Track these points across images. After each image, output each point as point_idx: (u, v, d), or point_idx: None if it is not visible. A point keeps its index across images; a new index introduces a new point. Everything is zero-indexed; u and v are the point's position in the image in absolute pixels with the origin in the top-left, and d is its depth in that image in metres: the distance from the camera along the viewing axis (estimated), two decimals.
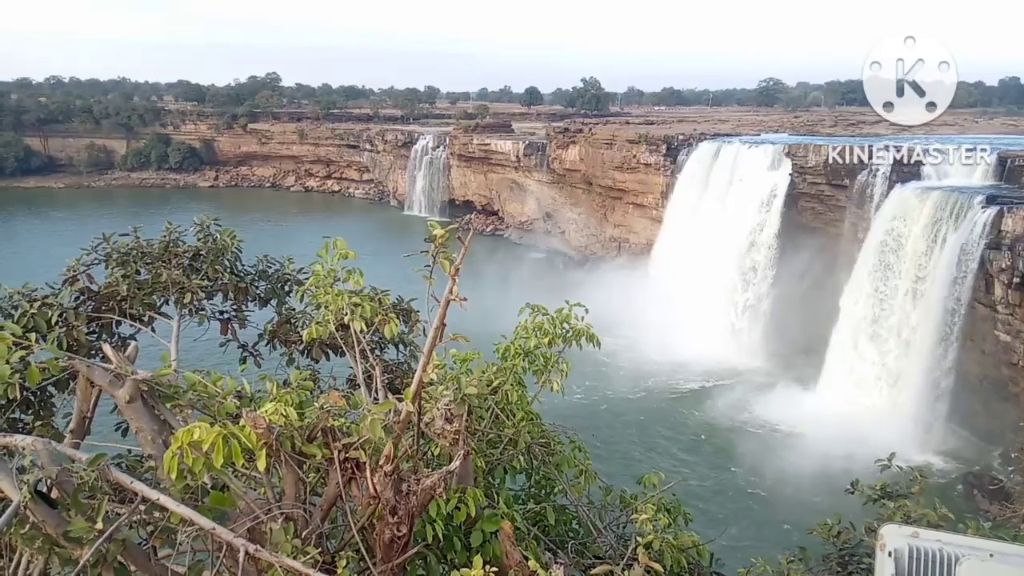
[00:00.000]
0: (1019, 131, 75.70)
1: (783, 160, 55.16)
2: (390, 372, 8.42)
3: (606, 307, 47.90)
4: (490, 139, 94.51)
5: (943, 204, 40.18)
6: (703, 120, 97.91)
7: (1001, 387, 36.82)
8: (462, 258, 4.76)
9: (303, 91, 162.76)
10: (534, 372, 6.98)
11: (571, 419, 7.74)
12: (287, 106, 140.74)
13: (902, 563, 3.75)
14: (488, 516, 5.06)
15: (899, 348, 41.73)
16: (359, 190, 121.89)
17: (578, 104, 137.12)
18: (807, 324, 48.04)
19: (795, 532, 26.20)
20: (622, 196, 73.84)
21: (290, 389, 4.95)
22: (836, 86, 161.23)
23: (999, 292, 36.05)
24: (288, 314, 8.96)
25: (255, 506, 4.61)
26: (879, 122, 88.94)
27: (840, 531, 7.48)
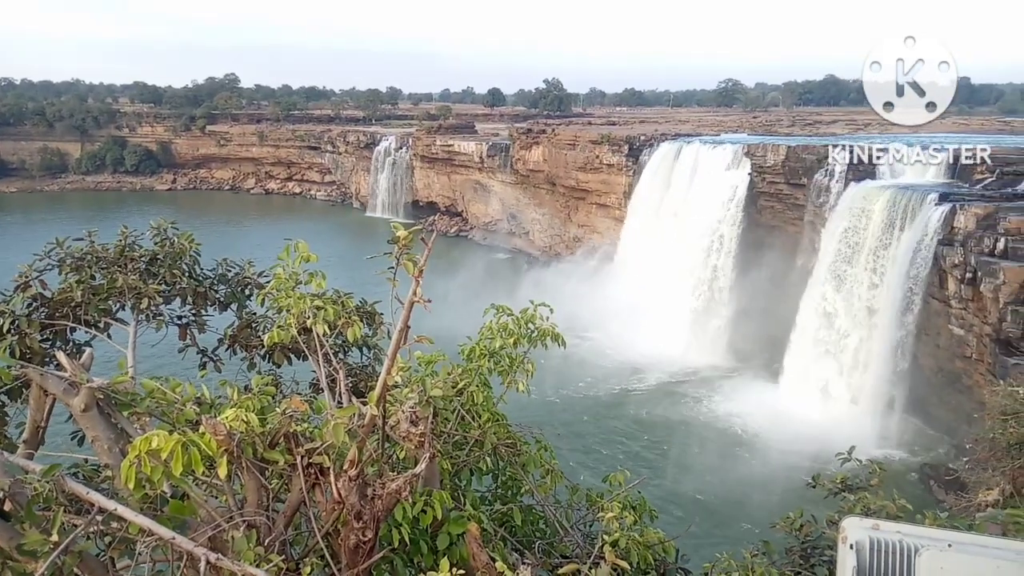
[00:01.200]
0: (970, 130, 77.78)
1: (743, 160, 55.98)
2: (354, 376, 8.34)
3: (571, 307, 48.15)
4: (453, 140, 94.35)
5: (897, 202, 41.09)
6: (664, 121, 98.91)
7: (955, 379, 37.76)
8: (425, 259, 4.73)
9: (262, 92, 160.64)
10: (499, 373, 6.97)
11: (536, 419, 7.75)
12: (246, 107, 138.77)
13: (864, 555, 3.82)
14: (454, 518, 5.04)
15: (857, 344, 42.57)
16: (321, 192, 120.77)
17: (541, 105, 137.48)
18: (768, 321, 48.79)
19: (758, 526, 26.59)
20: (585, 196, 74.24)
21: (251, 395, 4.87)
22: (793, 87, 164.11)
23: (952, 287, 36.97)
24: (249, 318, 8.82)
25: (216, 514, 4.53)
26: (835, 122, 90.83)
27: (802, 524, 7.60)
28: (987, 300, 34.24)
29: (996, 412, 13.19)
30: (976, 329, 35.62)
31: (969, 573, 3.62)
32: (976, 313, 35.58)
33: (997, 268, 33.55)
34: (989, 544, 3.80)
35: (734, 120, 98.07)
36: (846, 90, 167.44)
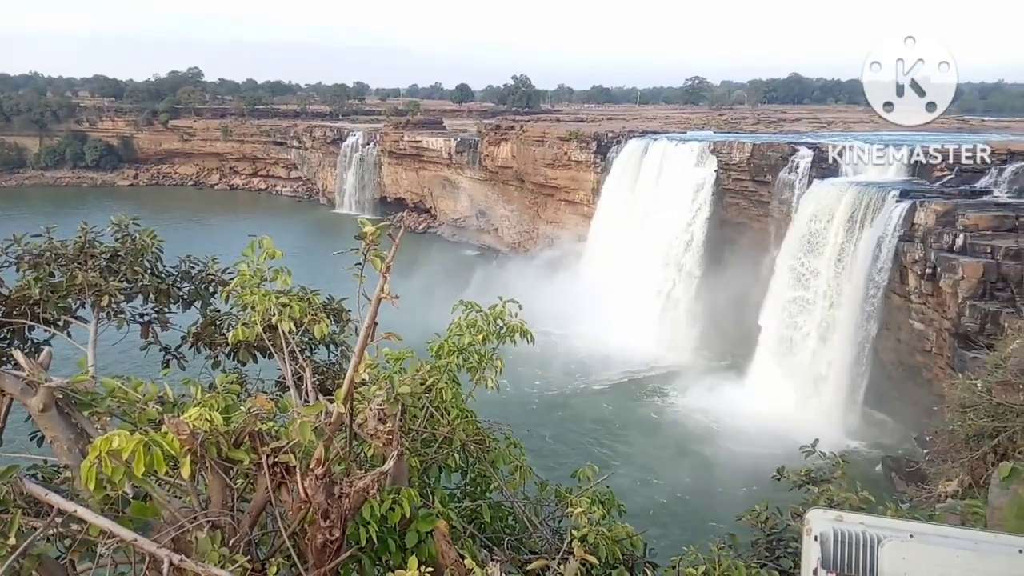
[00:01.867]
0: (930, 128, 79.17)
1: (709, 157, 56.53)
2: (321, 373, 8.27)
3: (540, 303, 48.26)
4: (421, 136, 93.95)
5: (859, 199, 41.81)
6: (632, 118, 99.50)
7: (916, 373, 38.56)
8: (393, 255, 4.69)
9: (227, 87, 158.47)
10: (468, 369, 6.95)
11: (505, 415, 7.74)
12: (210, 102, 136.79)
13: (827, 546, 3.87)
14: (423, 516, 5.01)
15: (821, 338, 43.26)
16: (287, 188, 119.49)
17: (509, 101, 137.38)
18: (735, 317, 49.37)
19: (724, 519, 26.92)
20: (554, 193, 74.41)
21: (215, 393, 4.79)
22: (758, 85, 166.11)
23: (913, 282, 37.72)
24: (213, 316, 8.69)
25: (179, 515, 4.45)
26: (799, 120, 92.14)
27: (767, 517, 7.69)
28: (946, 295, 34.99)
29: (955, 405, 13.47)
30: (936, 324, 36.38)
31: (929, 562, 3.69)
32: (936, 308, 36.35)
33: (956, 264, 34.30)
34: (949, 534, 3.88)
35: (700, 117, 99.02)
36: (809, 88, 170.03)
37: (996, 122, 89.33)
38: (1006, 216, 35.26)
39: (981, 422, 12.36)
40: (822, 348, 43.14)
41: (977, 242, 34.50)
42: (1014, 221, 34.96)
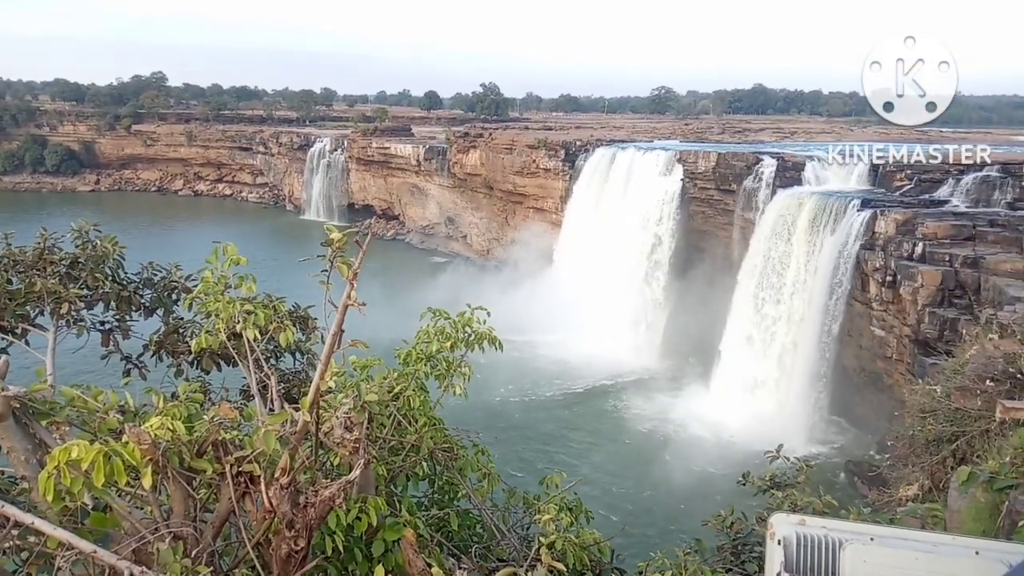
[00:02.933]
0: (890, 139, 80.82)
1: (675, 166, 57.12)
2: (287, 381, 8.18)
3: (508, 310, 48.28)
4: (390, 143, 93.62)
5: (822, 208, 42.52)
6: (599, 126, 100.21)
7: (877, 379, 39.25)
8: (360, 262, 4.67)
9: (191, 91, 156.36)
10: (436, 377, 6.93)
11: (473, 422, 7.73)
12: (174, 107, 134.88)
13: (791, 550, 3.93)
14: (390, 525, 4.98)
15: (784, 346, 43.84)
16: (253, 194, 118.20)
17: (478, 109, 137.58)
18: (702, 324, 49.86)
19: (691, 524, 27.12)
20: (523, 200, 74.59)
21: (178, 402, 4.72)
22: (723, 95, 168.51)
23: (874, 290, 38.44)
24: (176, 323, 8.56)
25: (140, 526, 4.37)
26: (763, 129, 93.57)
27: (733, 522, 7.77)
28: (906, 302, 35.70)
29: (915, 410, 13.73)
30: (896, 330, 37.09)
31: (890, 564, 3.76)
32: (896, 315, 37.06)
33: (915, 271, 35.03)
34: (908, 537, 3.96)
35: (667, 127, 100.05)
36: (773, 99, 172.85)
37: (954, 133, 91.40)
38: (964, 225, 36.11)
39: (940, 427, 12.60)
40: (786, 355, 43.71)
41: (936, 250, 35.28)
42: (971, 230, 35.81)
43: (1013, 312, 24.92)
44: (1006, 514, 6.82)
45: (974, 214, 37.98)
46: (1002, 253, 34.01)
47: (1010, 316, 23.29)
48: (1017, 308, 25.48)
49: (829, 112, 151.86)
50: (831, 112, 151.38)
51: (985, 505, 7.58)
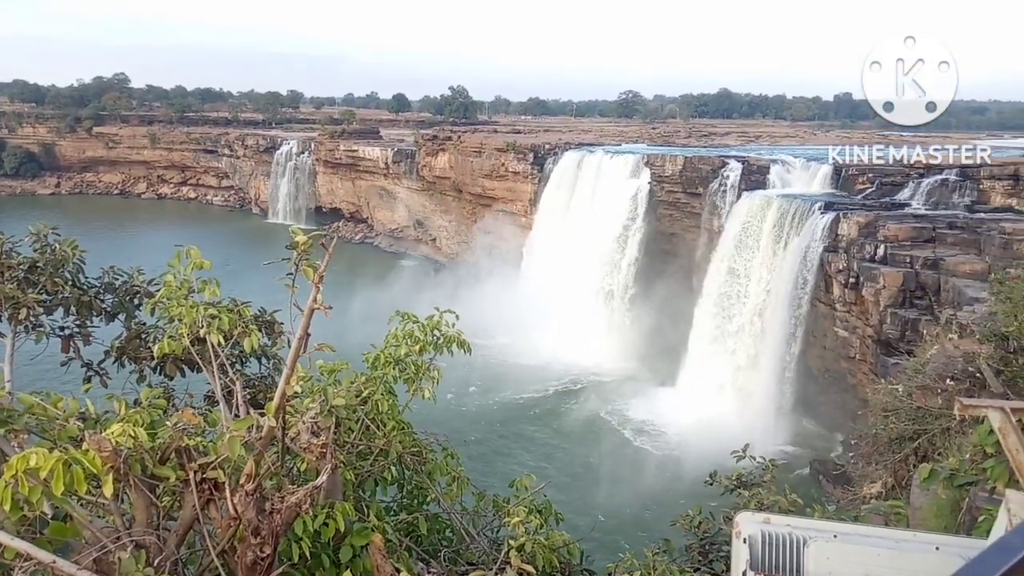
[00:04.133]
0: (852, 143, 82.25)
1: (643, 169, 57.57)
2: (252, 387, 8.08)
3: (477, 313, 48.23)
4: (358, 145, 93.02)
5: (786, 211, 43.12)
6: (568, 130, 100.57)
7: (840, 379, 39.89)
8: (326, 265, 4.63)
9: (154, 93, 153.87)
10: (405, 380, 6.90)
11: (442, 426, 7.71)
12: (137, 109, 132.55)
13: (756, 548, 3.97)
14: (358, 530, 4.94)
15: (750, 346, 44.36)
16: (218, 197, 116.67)
17: (446, 112, 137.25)
18: (669, 326, 50.26)
19: (659, 525, 27.30)
20: (492, 203, 74.60)
21: (140, 408, 4.64)
22: (689, 99, 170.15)
23: (837, 291, 39.07)
24: (138, 329, 8.41)
25: (101, 535, 4.29)
26: (728, 134, 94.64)
27: (700, 521, 7.85)
28: (868, 303, 36.33)
29: (878, 409, 13.98)
30: (859, 331, 37.73)
31: (852, 561, 3.82)
32: (859, 316, 37.70)
33: (877, 273, 35.67)
34: (870, 533, 4.03)
35: (634, 131, 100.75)
36: (738, 103, 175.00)
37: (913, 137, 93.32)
38: (924, 227, 36.86)
39: (902, 426, 12.84)
40: (751, 356, 44.22)
41: (897, 252, 35.95)
42: (931, 232, 36.56)
43: (972, 312, 25.46)
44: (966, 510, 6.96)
45: (934, 216, 38.79)
46: (961, 255, 34.77)
47: (969, 316, 23.82)
48: (976, 308, 26.03)
49: (793, 116, 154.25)
50: (795, 116, 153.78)
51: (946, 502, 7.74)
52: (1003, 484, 5.66)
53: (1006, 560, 1.08)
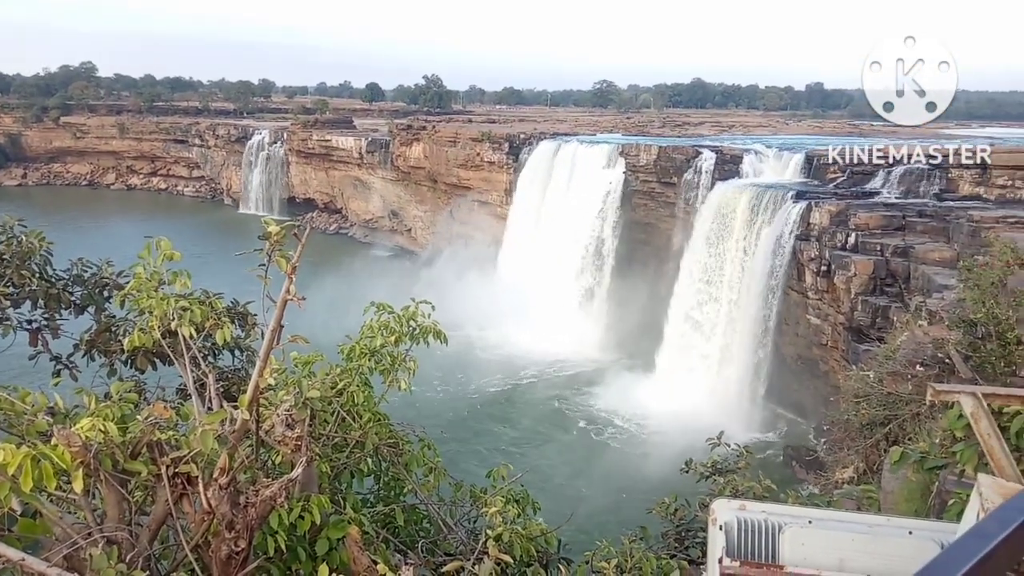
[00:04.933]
0: (824, 132, 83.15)
1: (618, 159, 57.69)
2: (226, 379, 8.00)
3: (454, 304, 48.17)
4: (331, 135, 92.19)
5: (759, 200, 43.47)
6: (543, 120, 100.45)
7: (813, 366, 40.41)
8: (299, 256, 4.57)
9: (123, 82, 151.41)
10: (381, 372, 6.86)
11: (419, 417, 7.68)
12: (105, 98, 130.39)
13: (732, 535, 4.01)
14: (334, 522, 4.91)
15: (725, 334, 44.76)
16: (189, 188, 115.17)
17: (421, 101, 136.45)
18: (645, 315, 50.55)
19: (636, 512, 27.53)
20: (467, 193, 74.39)
21: (111, 402, 4.56)
22: (663, 89, 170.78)
23: (809, 279, 39.52)
24: (108, 322, 8.27)
25: (72, 531, 4.22)
26: (702, 123, 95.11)
27: (676, 508, 7.92)
28: (840, 291, 36.79)
29: (849, 395, 14.18)
30: (831, 318, 38.21)
31: (827, 546, 3.87)
32: (831, 303, 38.17)
33: (849, 261, 36.12)
34: (844, 519, 4.08)
35: (609, 120, 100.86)
36: (712, 93, 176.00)
37: (884, 127, 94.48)
38: (894, 216, 37.35)
39: (874, 411, 13.03)
40: (725, 344, 44.62)
41: (868, 240, 36.41)
42: (901, 220, 37.06)
43: (941, 299, 25.86)
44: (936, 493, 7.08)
45: (904, 205, 39.30)
46: (930, 243, 35.30)
47: (938, 303, 24.18)
48: (945, 295, 26.43)
49: (765, 106, 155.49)
50: (767, 106, 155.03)
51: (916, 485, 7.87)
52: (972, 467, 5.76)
53: (983, 546, 1.09)
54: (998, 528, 1.13)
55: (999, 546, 1.09)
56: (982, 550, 1.07)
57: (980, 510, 2.76)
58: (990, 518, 1.18)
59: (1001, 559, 1.09)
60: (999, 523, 1.15)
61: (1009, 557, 1.12)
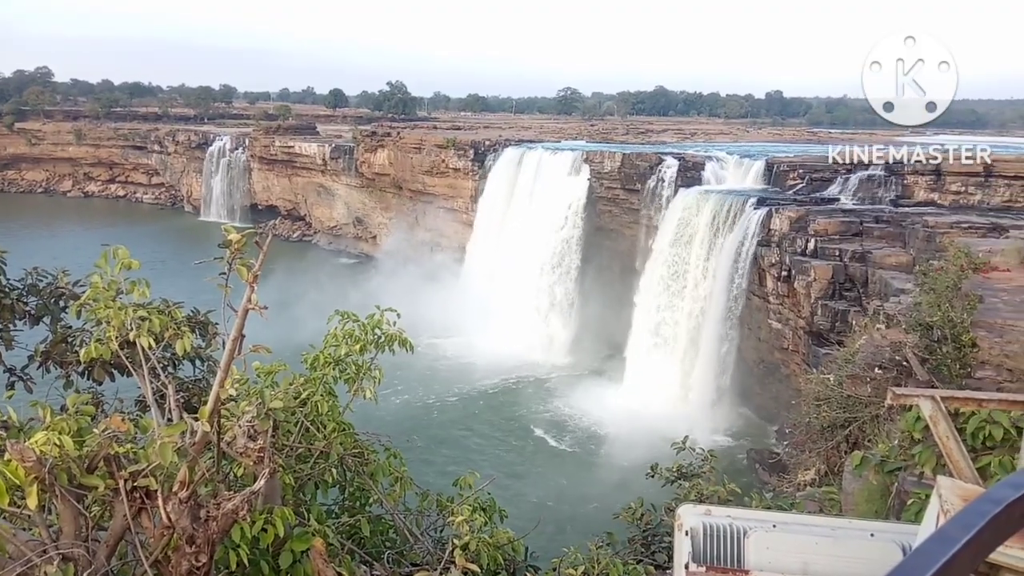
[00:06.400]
0: (783, 139, 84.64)
1: (582, 166, 58.03)
2: (186, 390, 7.84)
3: (420, 311, 47.96)
4: (294, 141, 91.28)
5: (721, 206, 44.04)
6: (508, 126, 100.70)
7: (775, 369, 40.98)
8: (260, 264, 4.50)
9: (80, 87, 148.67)
10: (346, 381, 6.79)
11: (384, 426, 7.62)
12: (61, 103, 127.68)
13: (698, 540, 4.03)
14: (298, 534, 4.84)
15: (688, 340, 45.19)
16: (148, 195, 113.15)
17: (385, 107, 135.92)
18: (610, 321, 50.84)
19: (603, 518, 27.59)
20: (432, 200, 74.20)
21: (67, 415, 4.45)
22: (627, 96, 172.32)
23: (770, 284, 40.10)
24: (64, 332, 8.07)
25: (26, 548, 4.10)
26: (665, 131, 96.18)
27: (643, 513, 7.95)
28: (800, 296, 37.39)
29: (810, 398, 14.37)
30: (792, 323, 38.80)
31: (791, 550, 3.91)
32: (791, 308, 38.77)
33: (808, 266, 36.73)
34: (808, 522, 4.13)
35: (573, 127, 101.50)
36: (674, 101, 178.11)
37: (841, 134, 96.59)
38: (852, 222, 38.08)
39: (834, 414, 13.23)
40: (690, 349, 45.04)
41: (827, 246, 37.06)
42: (859, 226, 37.79)
43: (898, 303, 26.33)
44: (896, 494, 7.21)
45: (861, 211, 40.10)
46: (887, 248, 36.02)
47: (895, 307, 24.63)
48: (901, 299, 26.94)
49: (726, 114, 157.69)
50: (728, 114, 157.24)
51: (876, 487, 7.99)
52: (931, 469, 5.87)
53: (946, 551, 1.10)
54: (960, 532, 1.15)
55: (961, 550, 1.11)
56: (945, 555, 1.08)
57: (940, 512, 2.81)
58: (952, 522, 1.19)
59: (964, 563, 1.10)
60: (961, 527, 1.17)
61: (971, 561, 1.14)
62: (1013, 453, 5.79)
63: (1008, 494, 1.26)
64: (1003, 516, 1.22)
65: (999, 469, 5.85)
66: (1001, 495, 1.26)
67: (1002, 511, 1.23)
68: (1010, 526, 1.25)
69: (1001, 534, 1.24)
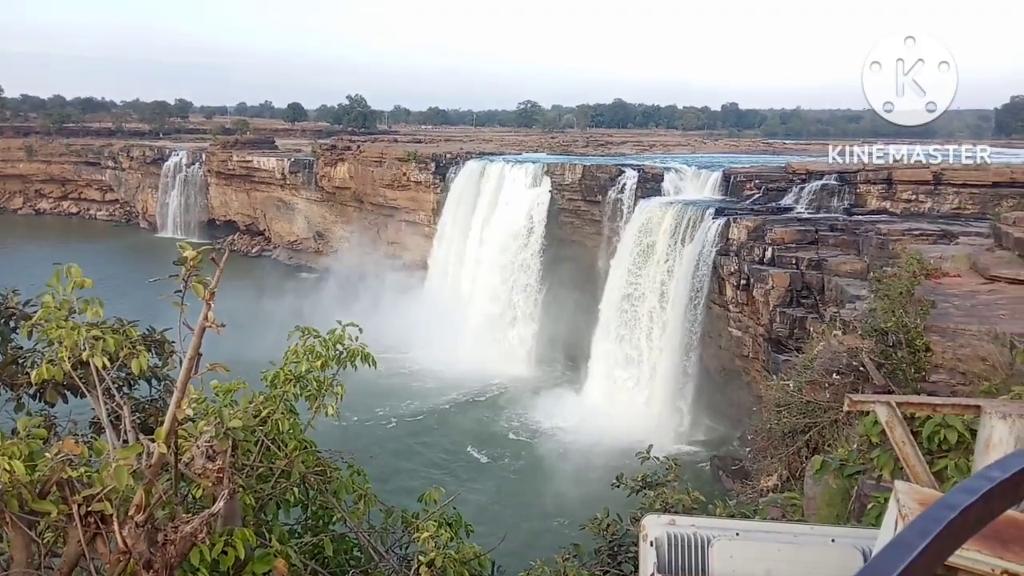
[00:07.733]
0: (739, 151, 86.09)
1: (543, 178, 58.35)
2: (143, 411, 7.66)
3: (382, 325, 47.64)
4: (252, 155, 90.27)
5: (680, 216, 44.60)
6: (469, 139, 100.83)
7: (736, 377, 41.47)
8: (217, 281, 4.43)
9: (30, 103, 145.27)
10: (307, 398, 6.69)
11: (345, 442, 7.53)
12: (11, 119, 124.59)
13: (663, 551, 4.05)
14: (259, 556, 4.74)
15: (651, 349, 45.56)
16: (102, 212, 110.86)
17: (345, 121, 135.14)
18: (574, 332, 51.03)
19: (568, 529, 27.57)
20: (394, 214, 73.92)
21: (17, 439, 4.31)
22: (586, 109, 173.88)
23: (730, 293, 40.65)
24: (14, 353, 7.84)
25: None
26: (624, 143, 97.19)
27: (609, 524, 7.95)
28: (759, 303, 37.94)
29: (771, 405, 14.57)
30: (751, 330, 39.34)
31: (755, 558, 3.95)
32: (751, 316, 39.32)
33: (766, 274, 37.31)
34: (771, 529, 4.17)
35: (534, 140, 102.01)
36: (632, 113, 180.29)
37: (795, 144, 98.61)
38: (807, 230, 38.81)
39: (794, 419, 13.42)
40: (651, 358, 45.41)
41: (783, 254, 37.70)
42: (814, 235, 38.52)
43: (854, 309, 26.89)
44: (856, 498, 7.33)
45: (816, 220, 40.89)
46: (842, 255, 36.76)
47: (851, 313, 25.14)
48: (857, 306, 27.51)
49: (684, 126, 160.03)
50: (685, 126, 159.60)
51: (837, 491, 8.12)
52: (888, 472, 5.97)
53: (904, 557, 1.12)
54: (918, 538, 1.17)
55: (919, 557, 1.12)
56: (903, 561, 1.10)
57: (899, 517, 2.86)
58: (909, 528, 1.21)
59: (921, 569, 1.12)
60: (919, 533, 1.19)
61: (929, 566, 1.16)
62: (968, 456, 5.94)
63: (963, 499, 1.28)
64: (959, 521, 1.24)
65: (955, 472, 5.99)
66: (956, 500, 1.29)
67: (958, 516, 1.26)
68: (966, 531, 1.28)
69: (958, 539, 1.26)
